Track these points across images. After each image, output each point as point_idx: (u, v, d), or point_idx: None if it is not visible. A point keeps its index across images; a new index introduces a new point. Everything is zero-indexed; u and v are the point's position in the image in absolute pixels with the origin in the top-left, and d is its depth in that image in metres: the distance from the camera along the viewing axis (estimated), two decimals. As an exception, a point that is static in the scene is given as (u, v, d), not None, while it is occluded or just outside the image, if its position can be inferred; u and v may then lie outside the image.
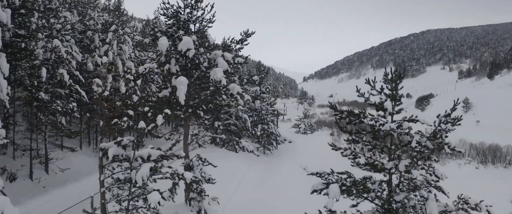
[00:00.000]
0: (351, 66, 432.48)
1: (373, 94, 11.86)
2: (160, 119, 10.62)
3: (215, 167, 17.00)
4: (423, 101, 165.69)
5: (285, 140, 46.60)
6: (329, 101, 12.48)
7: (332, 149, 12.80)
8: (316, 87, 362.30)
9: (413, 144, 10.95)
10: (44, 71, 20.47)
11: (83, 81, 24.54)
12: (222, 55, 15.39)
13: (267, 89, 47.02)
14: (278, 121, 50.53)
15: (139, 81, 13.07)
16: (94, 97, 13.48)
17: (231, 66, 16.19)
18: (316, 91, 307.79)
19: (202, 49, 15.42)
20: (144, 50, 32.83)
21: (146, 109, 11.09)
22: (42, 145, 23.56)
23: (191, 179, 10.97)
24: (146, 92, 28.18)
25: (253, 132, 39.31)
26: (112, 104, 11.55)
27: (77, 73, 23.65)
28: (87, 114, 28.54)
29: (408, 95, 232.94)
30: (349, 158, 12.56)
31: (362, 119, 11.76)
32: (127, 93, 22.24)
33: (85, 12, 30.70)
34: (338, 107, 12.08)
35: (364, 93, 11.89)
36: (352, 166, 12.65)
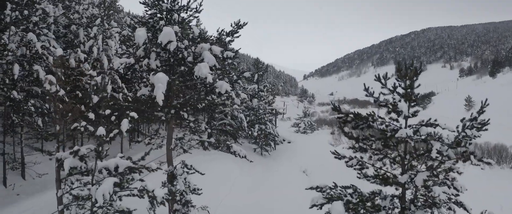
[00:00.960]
0: (352, 64, 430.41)
1: (383, 94, 9.98)
2: (125, 124, 8.78)
3: (203, 174, 15.14)
4: (424, 100, 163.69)
5: (284, 140, 44.69)
6: (331, 102, 10.62)
7: (335, 157, 10.91)
8: (316, 85, 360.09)
9: (434, 154, 9.06)
10: (16, 68, 18.58)
11: (63, 78, 22.61)
12: (210, 49, 13.52)
13: (265, 87, 45.01)
14: (276, 120, 48.65)
15: (99, 78, 11.13)
16: (46, 97, 11.68)
17: (226, 62, 14.40)
18: (317, 89, 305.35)
19: (186, 42, 13.53)
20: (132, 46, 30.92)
21: (108, 111, 9.26)
22: (18, 148, 21.67)
23: (163, 197, 9.10)
24: (133, 90, 26.28)
25: (250, 132, 37.37)
26: (69, 106, 9.67)
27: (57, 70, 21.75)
28: (69, 114, 26.59)
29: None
30: (355, 169, 10.68)
31: (371, 123, 9.89)
32: (86, 92, 20.20)
33: (70, 6, 28.77)
34: (341, 107, 10.21)
35: (373, 92, 10.00)
36: (359, 178, 10.78)
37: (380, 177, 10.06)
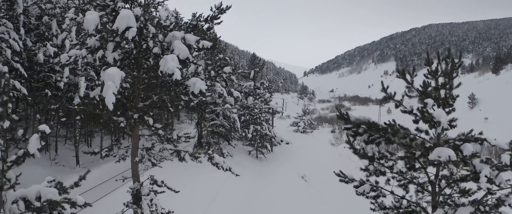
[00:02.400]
0: (352, 61, 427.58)
1: (408, 96, 7.27)
2: (34, 142, 6.08)
3: (177, 192, 12.42)
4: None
5: (281, 141, 41.86)
6: (336, 108, 7.87)
7: (341, 180, 8.19)
8: (316, 82, 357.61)
9: (484, 184, 6.33)
10: (-36, 63, 15.87)
11: (25, 75, 19.87)
12: (183, 38, 10.78)
13: (262, 85, 42.06)
14: (273, 120, 45.81)
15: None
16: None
17: (217, 57, 11.71)
18: (317, 86, 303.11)
19: (152, 29, 10.78)
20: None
21: (7, 123, 6.55)
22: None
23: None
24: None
25: (243, 134, 34.51)
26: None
27: (18, 65, 19.06)
28: (37, 116, 23.86)
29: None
30: (367, 197, 7.94)
31: (391, 137, 7.15)
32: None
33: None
34: (344, 109, 7.49)
35: (393, 94, 7.26)
36: (373, 210, 8.03)
37: (403, 211, 7.33)
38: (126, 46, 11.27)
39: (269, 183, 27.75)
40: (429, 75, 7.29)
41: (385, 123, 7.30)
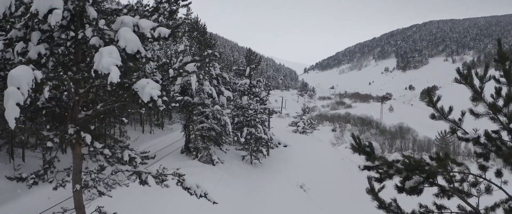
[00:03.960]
0: (353, 57, 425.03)
1: (475, 114, 4.41)
2: None
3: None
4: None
5: (279, 144, 38.90)
6: (352, 134, 4.98)
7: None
8: (317, 79, 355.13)
9: None
10: None
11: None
12: (136, 25, 7.93)
13: (259, 82, 39.00)
14: (269, 121, 42.87)
15: None
16: None
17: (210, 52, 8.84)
18: (317, 83, 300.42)
19: (93, 13, 7.93)
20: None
21: None
22: None
23: None
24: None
25: (236, 138, 31.57)
26: None
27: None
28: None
29: (411, 87, 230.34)
30: None
31: (443, 187, 4.26)
32: None
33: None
34: (369, 143, 4.63)
35: (447, 112, 4.38)
36: None
37: None
38: (63, 37, 8.41)
39: (264, 192, 24.92)
40: (501, 79, 4.44)
41: (430, 157, 4.46)
